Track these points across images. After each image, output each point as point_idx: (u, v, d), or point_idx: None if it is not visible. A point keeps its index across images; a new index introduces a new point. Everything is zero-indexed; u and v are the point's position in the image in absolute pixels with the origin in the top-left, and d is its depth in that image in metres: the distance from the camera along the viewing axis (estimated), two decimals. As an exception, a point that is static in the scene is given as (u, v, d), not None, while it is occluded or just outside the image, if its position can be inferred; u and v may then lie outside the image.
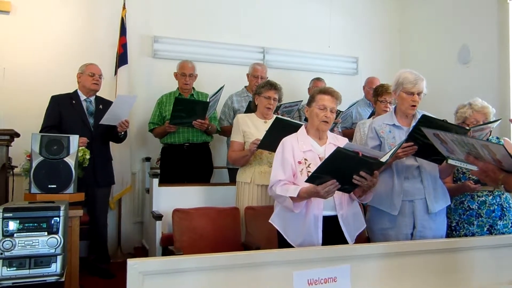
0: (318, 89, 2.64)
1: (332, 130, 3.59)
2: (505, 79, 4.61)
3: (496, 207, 2.77)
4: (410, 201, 2.69)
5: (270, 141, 2.91)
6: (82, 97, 3.81)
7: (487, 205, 2.77)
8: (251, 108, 3.55)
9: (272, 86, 3.30)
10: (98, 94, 3.92)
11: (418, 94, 2.70)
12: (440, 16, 5.40)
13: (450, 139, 1.79)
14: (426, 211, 2.69)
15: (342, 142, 2.58)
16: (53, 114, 3.68)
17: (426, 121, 2.45)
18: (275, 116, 3.31)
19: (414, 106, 2.72)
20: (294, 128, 2.70)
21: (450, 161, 2.15)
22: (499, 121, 2.75)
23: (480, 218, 2.77)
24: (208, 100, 3.85)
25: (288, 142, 2.53)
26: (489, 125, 2.70)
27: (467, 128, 2.66)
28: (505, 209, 2.78)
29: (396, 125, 2.78)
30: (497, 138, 2.96)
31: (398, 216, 2.68)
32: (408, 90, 2.69)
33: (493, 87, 4.65)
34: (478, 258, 2.32)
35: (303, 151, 2.49)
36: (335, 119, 4.26)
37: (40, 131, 3.54)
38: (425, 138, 2.44)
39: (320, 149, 2.52)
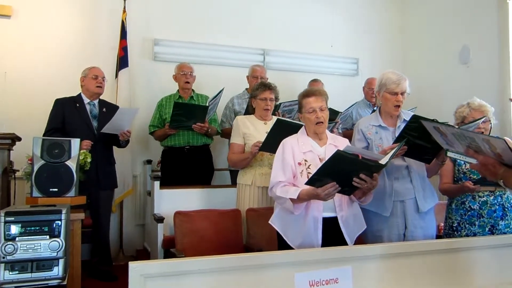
0: (301, 94, 2.63)
1: (331, 131, 3.59)
2: (505, 79, 4.61)
3: (497, 207, 2.77)
4: (401, 201, 2.71)
5: (272, 143, 2.91)
6: (86, 100, 3.82)
7: (488, 205, 2.77)
8: (249, 109, 3.55)
9: (266, 86, 3.30)
10: (100, 97, 3.93)
11: (402, 94, 2.70)
12: (440, 17, 5.40)
13: (450, 132, 1.79)
14: (416, 211, 2.71)
15: (342, 142, 2.59)
16: (56, 117, 3.69)
17: (416, 121, 2.45)
18: (274, 117, 3.32)
19: (398, 106, 2.73)
20: (295, 129, 2.70)
21: (449, 154, 2.15)
22: (484, 118, 2.75)
23: (481, 219, 2.76)
24: (207, 104, 3.85)
25: (288, 143, 2.53)
26: (476, 122, 2.70)
27: (457, 127, 2.66)
28: (506, 209, 2.78)
29: (382, 126, 2.79)
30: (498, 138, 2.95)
31: (389, 217, 2.69)
32: (391, 91, 2.70)
33: (493, 87, 4.65)
34: (479, 259, 2.31)
35: (303, 152, 2.49)
36: (335, 119, 4.27)
37: (44, 134, 3.56)
38: (415, 139, 2.45)
39: (320, 150, 2.53)
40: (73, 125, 3.67)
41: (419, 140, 2.45)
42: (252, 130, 3.27)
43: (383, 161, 2.20)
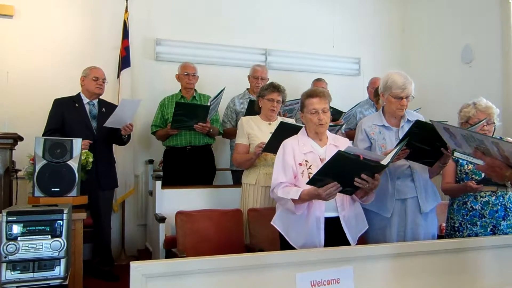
0: (305, 93, 2.59)
1: (336, 133, 3.59)
2: (508, 78, 4.60)
3: (499, 207, 2.76)
4: (403, 200, 2.70)
5: (275, 145, 2.91)
6: (85, 100, 3.81)
7: (490, 205, 2.76)
8: (251, 108, 3.54)
9: (275, 88, 3.29)
10: (101, 97, 3.92)
11: (406, 97, 2.67)
12: (442, 16, 5.40)
13: (459, 134, 1.79)
14: (417, 210, 2.70)
15: (343, 142, 2.58)
16: (56, 117, 3.69)
17: (419, 126, 2.44)
18: (279, 118, 3.30)
19: (402, 109, 2.71)
20: (298, 131, 2.69)
21: (456, 154, 2.15)
22: (485, 120, 2.74)
23: (483, 219, 2.76)
24: (208, 104, 3.85)
25: (288, 144, 2.53)
26: (479, 123, 2.70)
27: (462, 128, 2.66)
28: (508, 209, 2.77)
29: (386, 126, 2.77)
30: (500, 138, 2.95)
31: (391, 216, 2.69)
32: (397, 95, 2.66)
33: (496, 86, 4.64)
34: (481, 259, 2.31)
35: (304, 152, 2.49)
36: (338, 120, 4.26)
37: (43, 134, 3.55)
38: (417, 142, 2.45)
39: (320, 150, 2.52)
40: (72, 125, 3.66)
41: (421, 143, 2.45)
42: (256, 130, 3.27)
43: (384, 162, 2.20)
